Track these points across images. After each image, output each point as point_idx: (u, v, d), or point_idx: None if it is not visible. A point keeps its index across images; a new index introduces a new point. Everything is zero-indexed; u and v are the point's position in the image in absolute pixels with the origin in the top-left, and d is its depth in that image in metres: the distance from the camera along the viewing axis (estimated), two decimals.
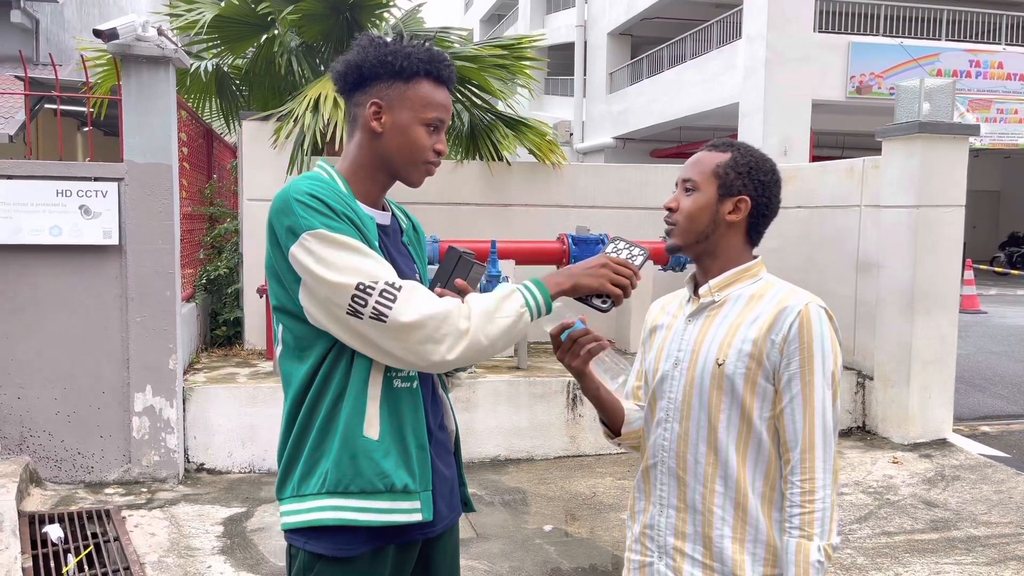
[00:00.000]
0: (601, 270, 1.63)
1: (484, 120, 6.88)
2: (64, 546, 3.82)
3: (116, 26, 4.42)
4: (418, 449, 1.62)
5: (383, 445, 1.57)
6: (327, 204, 1.55)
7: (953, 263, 5.91)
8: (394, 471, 1.57)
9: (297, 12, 6.35)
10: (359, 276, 1.49)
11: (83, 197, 4.54)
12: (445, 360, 1.52)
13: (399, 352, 1.51)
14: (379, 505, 1.57)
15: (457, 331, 1.51)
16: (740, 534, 1.63)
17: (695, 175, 1.70)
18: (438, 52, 1.67)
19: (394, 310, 1.48)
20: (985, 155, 20.53)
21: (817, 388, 1.60)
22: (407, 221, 1.82)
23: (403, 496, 1.58)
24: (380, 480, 1.56)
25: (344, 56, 1.68)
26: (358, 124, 1.66)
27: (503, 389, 5.43)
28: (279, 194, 1.58)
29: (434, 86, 1.65)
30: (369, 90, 1.64)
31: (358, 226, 1.57)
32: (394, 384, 1.60)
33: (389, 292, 1.49)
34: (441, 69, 1.65)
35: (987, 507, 4.66)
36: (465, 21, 37.30)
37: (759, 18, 14.86)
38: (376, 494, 1.56)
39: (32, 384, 4.60)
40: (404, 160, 1.66)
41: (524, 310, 1.58)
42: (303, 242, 1.52)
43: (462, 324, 1.52)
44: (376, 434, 1.57)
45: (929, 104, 5.77)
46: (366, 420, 1.56)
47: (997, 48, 16.05)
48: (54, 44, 18.21)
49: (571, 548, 4.05)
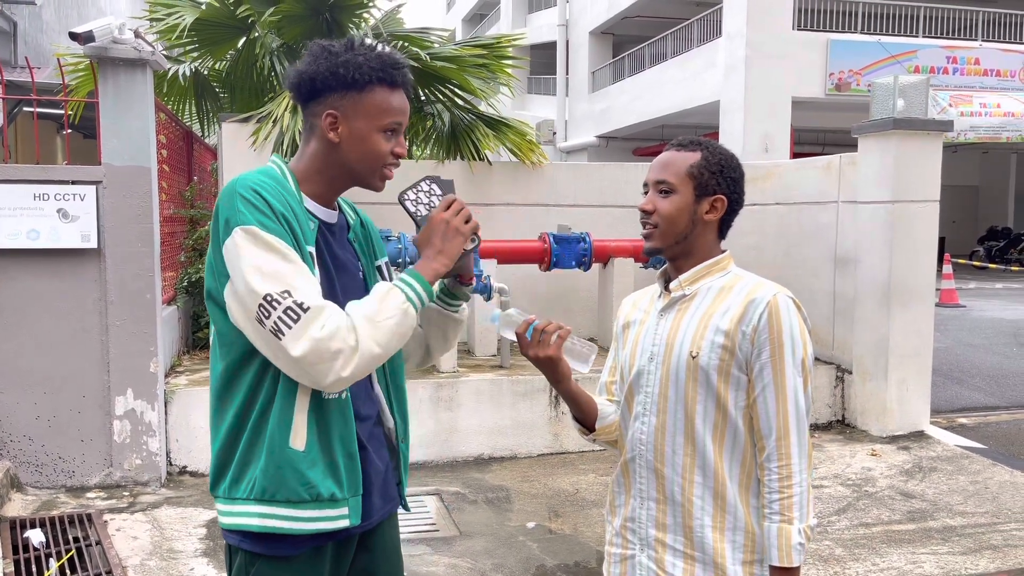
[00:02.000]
0: (448, 230, 1.65)
1: (465, 120, 6.89)
2: (46, 551, 3.81)
3: (92, 29, 4.40)
4: (346, 458, 1.61)
5: (309, 456, 1.57)
6: (267, 201, 1.54)
7: (929, 257, 5.99)
8: (320, 481, 1.57)
9: (277, 14, 6.35)
10: (273, 284, 1.48)
11: (61, 200, 4.52)
12: (340, 378, 1.51)
13: (293, 373, 1.52)
14: (305, 514, 1.58)
15: (348, 348, 1.50)
16: (720, 523, 1.67)
17: (670, 177, 1.71)
18: (390, 56, 1.66)
19: (291, 332, 1.47)
20: (963, 150, 20.75)
21: (788, 376, 1.64)
22: (355, 217, 1.82)
23: (329, 504, 1.59)
24: (306, 490, 1.57)
25: (296, 67, 1.67)
26: (315, 133, 1.66)
27: (486, 388, 5.45)
28: (226, 185, 1.58)
29: (389, 91, 1.65)
30: (324, 100, 1.63)
31: (293, 228, 1.56)
32: (323, 395, 1.59)
33: (293, 312, 1.48)
34: (394, 75, 1.64)
35: (963, 497, 4.73)
36: (447, 21, 37.28)
37: (739, 16, 14.95)
38: (302, 503, 1.57)
39: (11, 388, 4.58)
40: (364, 168, 1.66)
41: (407, 305, 1.58)
42: (234, 236, 1.51)
43: (350, 339, 1.50)
44: (303, 445, 1.57)
45: (903, 101, 5.84)
46: (292, 431, 1.57)
47: (974, 44, 16.23)
48: (32, 47, 18.05)
49: (554, 545, 4.08)
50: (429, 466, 5.24)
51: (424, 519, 4.38)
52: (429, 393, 5.34)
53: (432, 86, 6.87)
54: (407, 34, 7.22)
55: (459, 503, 4.63)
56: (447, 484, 4.93)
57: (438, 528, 4.27)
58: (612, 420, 1.87)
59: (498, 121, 6.94)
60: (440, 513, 4.48)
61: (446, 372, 5.58)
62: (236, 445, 1.60)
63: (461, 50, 6.77)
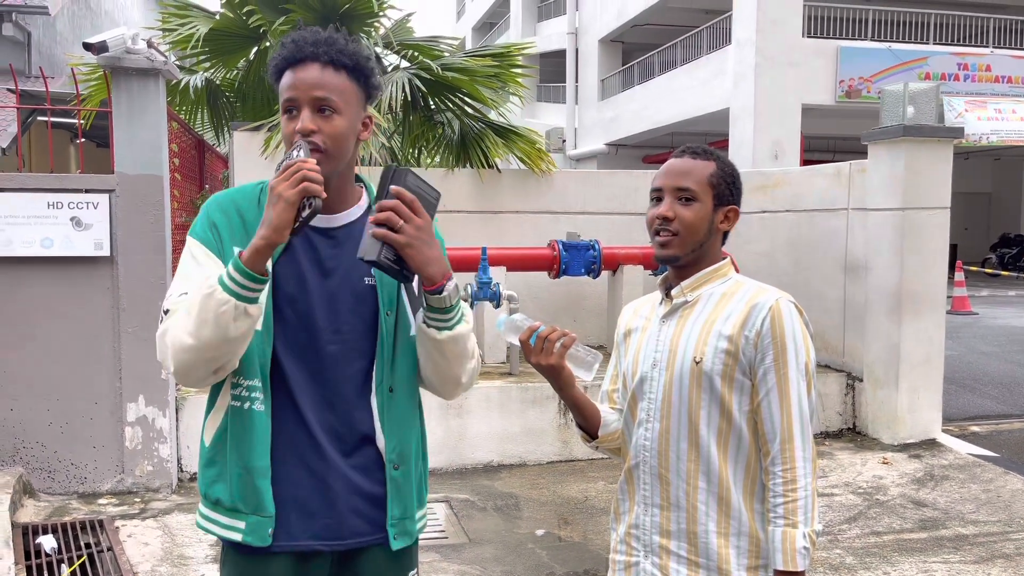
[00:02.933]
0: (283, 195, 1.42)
1: (474, 128, 6.92)
2: (58, 557, 3.83)
3: (106, 39, 4.45)
4: (242, 470, 1.57)
5: (208, 454, 1.63)
6: (209, 210, 1.62)
7: (940, 264, 5.96)
8: (210, 483, 1.61)
9: (288, 23, 6.39)
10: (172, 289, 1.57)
11: (74, 209, 4.56)
12: (172, 372, 1.54)
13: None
14: (205, 511, 1.63)
15: (160, 340, 1.53)
16: (724, 528, 1.67)
17: (692, 184, 1.71)
18: (297, 36, 1.58)
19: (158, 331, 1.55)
20: (976, 157, 20.66)
21: (792, 380, 1.65)
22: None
23: (219, 509, 1.60)
24: (202, 486, 1.64)
25: None
26: None
27: (495, 395, 5.46)
28: None
29: (290, 72, 1.56)
30: None
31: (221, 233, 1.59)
32: (229, 400, 1.60)
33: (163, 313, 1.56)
34: (291, 52, 1.56)
35: (975, 506, 4.70)
36: (457, 30, 37.40)
37: (748, 24, 14.95)
38: (203, 499, 1.64)
39: (25, 395, 4.62)
40: None
41: (212, 288, 1.44)
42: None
43: (161, 329, 1.54)
44: (208, 441, 1.63)
45: (913, 108, 5.83)
46: (206, 426, 1.64)
47: (985, 51, 16.16)
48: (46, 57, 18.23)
49: (563, 552, 4.08)
50: (438, 473, 5.24)
51: (433, 526, 4.38)
52: (438, 400, 5.32)
53: (442, 95, 6.90)
54: (417, 43, 7.26)
55: (468, 510, 4.63)
56: (456, 491, 4.93)
57: (447, 535, 4.28)
58: (615, 428, 1.87)
59: (507, 129, 6.97)
60: (449, 520, 4.48)
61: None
62: None
63: (471, 60, 6.81)
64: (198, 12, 7.03)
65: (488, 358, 6.14)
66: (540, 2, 27.23)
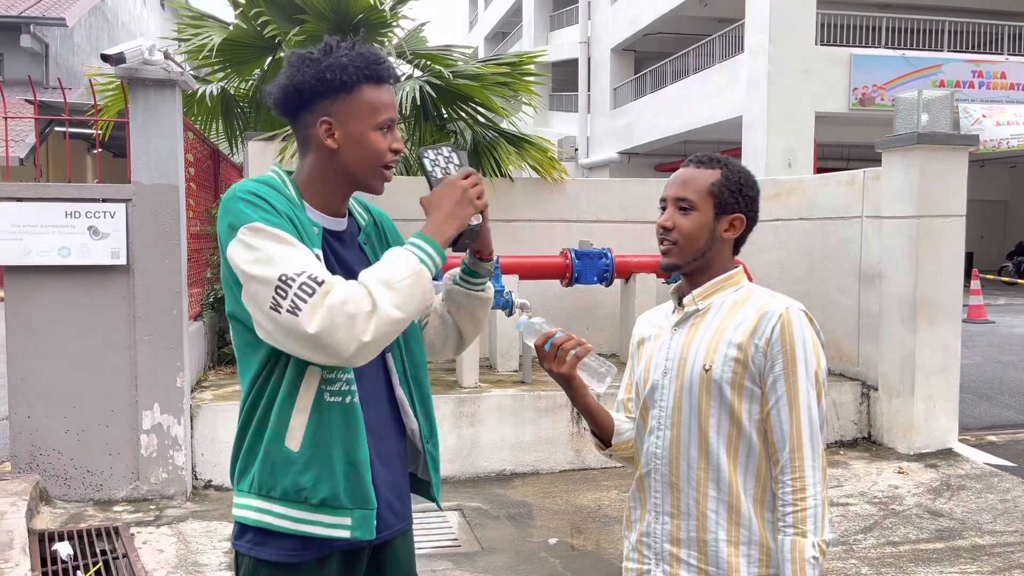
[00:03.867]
0: (463, 196, 1.64)
1: (487, 137, 6.95)
2: (73, 563, 3.86)
3: (123, 50, 4.50)
4: (348, 466, 1.58)
5: (303, 457, 1.57)
6: (268, 200, 1.54)
7: (955, 273, 5.93)
8: (311, 485, 1.56)
9: (302, 34, 6.45)
10: (284, 268, 1.46)
11: (92, 218, 4.61)
12: (363, 344, 1.46)
13: (313, 349, 1.46)
14: (298, 515, 1.58)
15: (363, 312, 1.46)
16: (734, 536, 1.66)
17: (690, 194, 1.71)
18: (372, 53, 1.64)
19: (306, 308, 1.43)
20: (991, 165, 20.53)
21: (802, 388, 1.64)
22: (367, 218, 1.79)
23: (323, 510, 1.57)
24: (295, 492, 1.57)
25: (278, 80, 1.65)
26: (311, 144, 1.65)
27: (508, 403, 5.46)
28: (225, 194, 1.58)
29: (376, 88, 1.63)
30: (314, 109, 1.62)
31: (296, 227, 1.55)
32: (325, 397, 1.57)
33: (308, 286, 1.44)
34: (379, 70, 1.63)
35: (992, 516, 4.66)
36: (470, 39, 37.56)
37: (761, 32, 14.94)
38: (294, 503, 1.58)
39: (41, 403, 4.66)
40: (365, 169, 1.65)
41: (420, 267, 1.54)
42: (240, 236, 1.51)
43: (365, 304, 1.46)
44: (297, 446, 1.56)
45: (928, 115, 5.80)
46: (288, 431, 1.56)
47: (999, 58, 16.07)
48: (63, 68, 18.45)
49: (577, 561, 4.07)
50: (451, 481, 5.24)
51: (446, 534, 4.38)
52: (451, 408, 5.35)
53: (455, 104, 6.93)
54: (430, 52, 7.30)
55: (481, 519, 4.63)
56: (469, 500, 4.93)
57: (460, 544, 4.28)
58: (628, 436, 1.88)
59: (520, 138, 6.99)
60: (462, 528, 4.48)
61: (468, 387, 5.60)
62: (243, 439, 1.63)
63: (483, 68, 6.84)
64: (213, 22, 7.10)
65: (501, 366, 6.14)
66: (552, 11, 27.33)
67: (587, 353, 1.74)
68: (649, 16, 19.55)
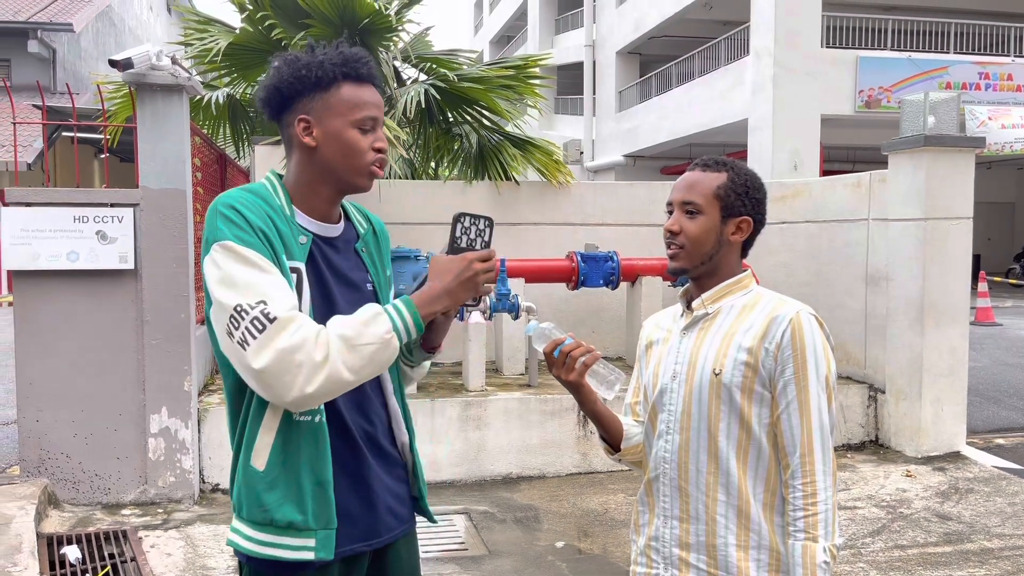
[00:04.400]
0: (474, 278, 1.59)
1: (492, 141, 6.96)
2: (82, 567, 3.87)
3: (131, 56, 4.53)
4: (315, 486, 1.55)
5: (268, 478, 1.53)
6: (244, 216, 1.52)
7: (962, 275, 5.91)
8: (276, 506, 1.53)
9: (308, 38, 6.47)
10: (244, 296, 1.45)
11: (100, 223, 4.63)
12: (304, 394, 1.44)
13: (256, 386, 1.46)
14: (264, 537, 1.54)
15: (312, 362, 1.43)
16: (743, 541, 1.66)
17: (696, 198, 1.71)
18: (352, 52, 1.63)
19: (256, 342, 1.42)
20: (999, 167, 20.46)
21: (812, 392, 1.64)
22: (367, 227, 1.78)
23: (290, 532, 1.53)
24: (260, 513, 1.54)
25: (262, 81, 1.66)
26: (293, 143, 1.64)
27: (514, 407, 5.46)
28: (211, 205, 1.56)
29: (356, 87, 1.62)
30: (294, 108, 1.61)
31: (272, 242, 1.53)
32: (293, 417, 1.54)
33: (260, 322, 1.43)
34: (359, 68, 1.62)
35: (1001, 519, 4.64)
36: (475, 43, 37.63)
37: (766, 34, 14.93)
38: (262, 525, 1.54)
39: (50, 407, 4.68)
40: (346, 167, 1.62)
41: (391, 336, 1.50)
42: (212, 253, 1.50)
43: (317, 355, 1.44)
44: (262, 465, 1.54)
45: (934, 117, 5.79)
46: (255, 449, 1.54)
47: (1006, 60, 16.02)
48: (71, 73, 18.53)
49: (584, 565, 4.06)
50: (458, 485, 5.25)
51: (453, 538, 4.39)
52: (457, 412, 5.36)
53: (459, 107, 6.94)
54: (436, 56, 7.32)
55: (487, 522, 4.63)
56: (475, 503, 4.93)
57: (467, 547, 4.28)
58: (637, 441, 1.87)
59: (525, 141, 7.00)
60: (469, 532, 4.48)
61: (474, 391, 5.60)
62: (235, 461, 1.62)
63: (489, 71, 6.85)
64: (219, 27, 7.12)
65: (507, 370, 6.14)
66: (558, 15, 27.35)
67: (596, 360, 1.73)
68: (654, 19, 19.54)
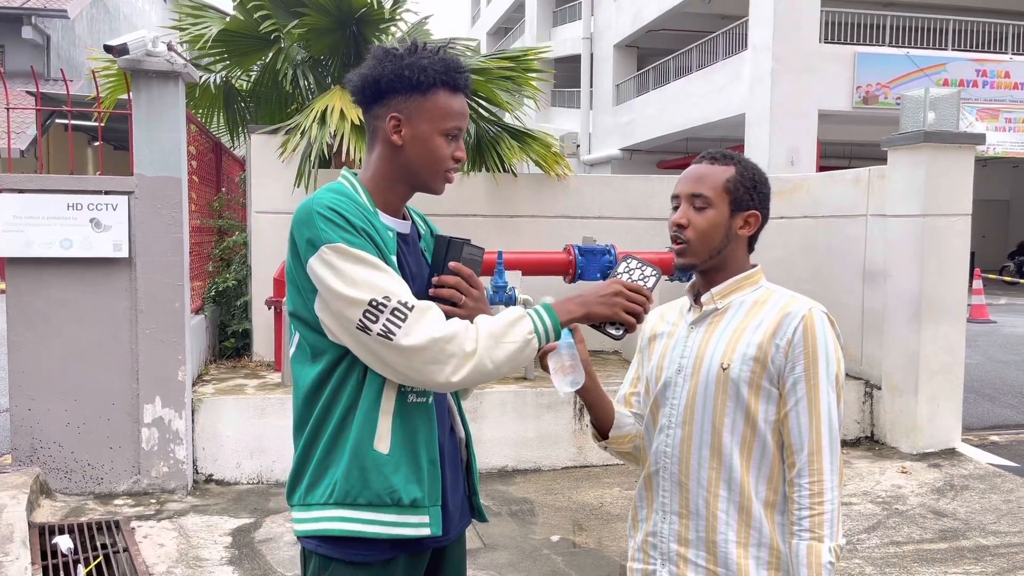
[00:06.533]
0: (615, 298, 1.63)
1: (490, 132, 6.92)
2: (74, 557, 3.84)
3: (127, 41, 4.48)
4: (430, 464, 1.63)
5: (393, 459, 1.58)
6: (347, 218, 1.56)
7: (960, 272, 5.90)
8: (403, 486, 1.58)
9: (303, 27, 6.41)
10: (373, 292, 1.51)
11: (94, 210, 4.59)
12: (450, 382, 1.52)
13: (404, 371, 1.53)
14: (387, 518, 1.58)
15: (463, 353, 1.52)
16: (744, 538, 1.64)
17: (706, 191, 1.69)
18: (453, 61, 1.67)
19: (401, 330, 1.49)
20: (994, 164, 20.48)
21: (822, 391, 1.62)
22: (425, 227, 1.83)
23: (411, 510, 1.59)
24: (388, 495, 1.58)
25: (359, 69, 1.68)
26: (378, 137, 1.68)
27: (510, 400, 5.44)
28: (301, 205, 1.59)
29: (450, 95, 1.66)
30: (387, 103, 1.65)
31: (376, 241, 1.58)
32: (408, 399, 1.61)
33: (400, 312, 1.50)
34: (457, 78, 1.66)
35: (996, 516, 4.64)
36: (472, 34, 37.49)
37: (765, 29, 14.90)
38: (384, 507, 1.58)
39: (42, 396, 4.64)
40: (426, 171, 1.67)
41: (532, 336, 1.58)
42: (322, 254, 1.54)
43: (468, 346, 1.52)
44: (387, 448, 1.58)
45: (934, 113, 5.77)
46: (377, 434, 1.58)
47: (1004, 58, 16.03)
48: (65, 59, 18.40)
49: (578, 558, 4.05)
50: None
51: None
52: None
53: None
54: (442, 40, 7.25)
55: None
56: None
57: None
58: (628, 431, 1.85)
59: (523, 133, 6.96)
60: None
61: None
62: (314, 450, 1.61)
63: (488, 62, 6.80)
64: (213, 13, 7.05)
65: None
66: (555, 7, 27.25)
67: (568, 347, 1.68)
68: (652, 12, 19.49)
